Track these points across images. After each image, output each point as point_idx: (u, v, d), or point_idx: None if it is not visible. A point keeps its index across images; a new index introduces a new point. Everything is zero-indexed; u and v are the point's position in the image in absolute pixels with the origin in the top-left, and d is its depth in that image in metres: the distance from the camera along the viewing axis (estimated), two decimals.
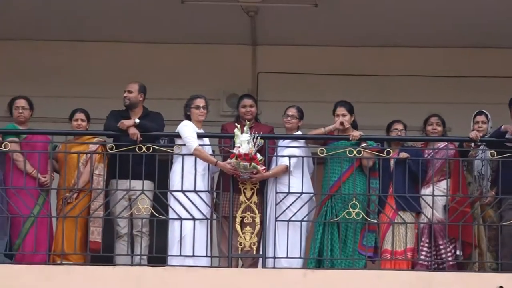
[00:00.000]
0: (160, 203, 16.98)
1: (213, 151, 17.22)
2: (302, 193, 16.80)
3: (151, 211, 16.89)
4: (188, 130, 16.93)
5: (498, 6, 19.25)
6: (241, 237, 16.90)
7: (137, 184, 16.94)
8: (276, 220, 16.81)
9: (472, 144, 17.16)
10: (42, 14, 19.90)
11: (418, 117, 18.15)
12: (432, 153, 17.31)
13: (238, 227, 16.91)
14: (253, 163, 16.70)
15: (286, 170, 16.95)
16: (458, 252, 17.07)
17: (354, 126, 17.42)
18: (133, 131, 17.05)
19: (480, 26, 20.04)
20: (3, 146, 16.95)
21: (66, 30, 20.34)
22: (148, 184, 17.00)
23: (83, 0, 19.38)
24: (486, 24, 19.91)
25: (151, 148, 16.87)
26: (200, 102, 17.35)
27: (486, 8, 19.36)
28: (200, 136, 17.04)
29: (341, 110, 17.21)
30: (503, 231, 16.85)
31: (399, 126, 17.55)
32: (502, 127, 17.16)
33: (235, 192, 16.98)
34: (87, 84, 20.02)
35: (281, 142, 17.22)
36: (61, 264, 16.78)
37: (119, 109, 17.61)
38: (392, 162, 17.12)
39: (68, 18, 20.04)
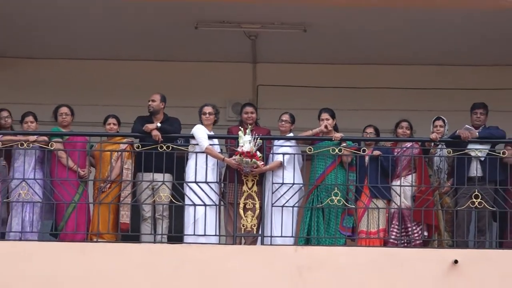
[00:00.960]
0: (178, 192, 17.22)
1: (221, 150, 17.49)
2: (293, 183, 17.05)
3: (170, 198, 17.18)
4: (200, 133, 17.16)
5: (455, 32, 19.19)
6: (243, 219, 17.16)
7: (159, 176, 17.21)
8: (272, 206, 17.05)
9: (432, 144, 17.48)
10: (81, 38, 19.77)
11: (390, 122, 18.37)
12: (400, 152, 17.57)
13: (241, 211, 17.18)
14: (253, 159, 16.99)
15: (281, 165, 17.23)
16: (425, 233, 17.31)
17: (336, 129, 17.66)
18: (155, 133, 17.23)
19: (438, 48, 19.86)
20: (49, 145, 17.28)
21: (99, 51, 20.30)
22: (167, 176, 17.28)
23: (114, 27, 19.38)
24: (444, 46, 19.71)
25: (170, 147, 17.13)
26: (207, 109, 17.63)
27: (445, 32, 19.24)
28: (210, 137, 17.30)
29: (325, 115, 17.46)
30: (458, 215, 17.16)
31: (370, 130, 17.80)
32: (457, 131, 17.41)
33: (239, 183, 17.26)
34: (117, 95, 19.92)
35: (277, 142, 17.50)
36: (96, 242, 17.05)
37: (144, 115, 17.85)
38: (367, 158, 17.39)
39: (101, 42, 20.10)
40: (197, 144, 17.27)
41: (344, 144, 17.28)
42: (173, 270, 16.85)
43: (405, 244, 17.27)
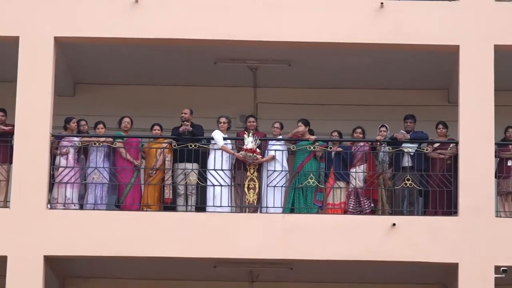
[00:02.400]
0: (202, 176, 17.95)
1: (232, 147, 18.13)
2: (281, 171, 17.87)
3: (197, 181, 17.84)
4: (217, 135, 17.91)
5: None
6: (247, 195, 17.84)
7: (189, 165, 17.94)
8: (267, 186, 17.82)
9: (378, 143, 18.08)
10: (134, 69, 19.78)
11: (349, 128, 18.69)
12: (356, 148, 18.12)
13: (246, 190, 17.82)
14: (254, 154, 17.82)
15: (273, 158, 17.97)
16: (372, 205, 17.93)
17: (312, 132, 18.24)
18: (183, 128, 17.90)
19: (385, 78, 19.81)
20: (113, 144, 17.90)
21: (147, 78, 20.13)
22: (195, 165, 17.95)
23: (157, 62, 19.33)
24: (388, 76, 19.75)
25: (197, 145, 17.82)
26: (222, 119, 18.19)
27: (390, 66, 19.20)
28: (224, 139, 18.00)
29: (300, 123, 18.03)
30: (395, 192, 17.84)
31: (335, 133, 18.26)
32: (394, 134, 18.06)
33: (244, 170, 17.92)
34: (160, 109, 19.55)
35: (271, 142, 18.10)
36: (146, 211, 17.80)
37: (176, 126, 18.27)
38: (333, 153, 17.98)
39: (147, 72, 19.97)
40: (215, 143, 17.99)
41: (317, 143, 18.01)
42: (199, 230, 17.56)
43: (359, 212, 17.90)
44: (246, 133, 18.07)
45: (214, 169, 17.90)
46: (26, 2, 18.12)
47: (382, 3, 17.98)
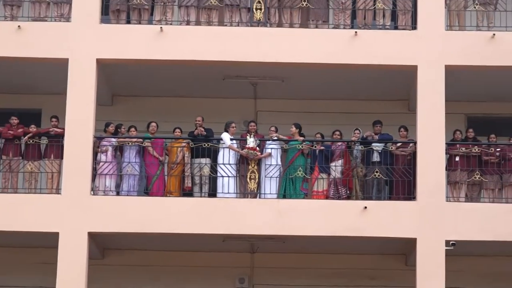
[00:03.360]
0: (213, 169, 17.99)
1: (237, 146, 18.10)
2: (276, 165, 17.99)
3: (209, 173, 17.94)
4: (226, 137, 18.00)
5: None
6: (249, 184, 17.88)
7: (203, 160, 17.98)
8: (265, 177, 17.94)
9: (353, 143, 18.12)
10: (162, 83, 19.48)
11: (329, 131, 18.65)
12: (335, 147, 18.13)
13: (248, 180, 17.85)
14: (255, 151, 17.90)
15: (269, 155, 18.03)
16: (348, 192, 18.00)
17: (302, 134, 18.26)
18: (197, 131, 17.96)
19: (356, 91, 19.60)
20: (143, 143, 18.00)
21: (169, 91, 19.71)
22: (208, 160, 17.97)
23: (177, 77, 19.05)
24: (359, 91, 19.52)
25: (209, 144, 17.95)
26: (233, 125, 18.26)
27: (359, 82, 19.03)
28: (231, 139, 18.04)
29: (292, 127, 18.16)
30: (367, 182, 17.95)
31: (318, 135, 18.35)
32: (364, 134, 18.23)
33: (246, 164, 17.97)
34: (179, 116, 19.13)
35: (268, 142, 18.13)
36: (169, 196, 17.88)
37: (192, 130, 18.29)
38: (317, 151, 18.09)
39: (170, 86, 19.65)
40: (224, 143, 18.04)
41: (304, 143, 18.09)
42: (211, 212, 17.74)
43: (337, 198, 17.94)
44: (248, 135, 18.18)
45: (223, 163, 17.96)
46: (73, 31, 18.16)
47: (356, 32, 18.14)
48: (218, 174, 17.98)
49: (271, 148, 18.11)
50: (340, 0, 18.60)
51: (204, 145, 18.03)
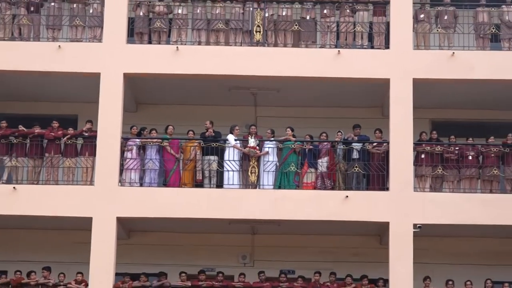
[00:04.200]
0: (220, 164, 17.96)
1: (240, 145, 17.98)
2: (273, 161, 17.99)
3: (217, 167, 17.94)
4: (231, 138, 18.00)
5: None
6: (250, 177, 17.89)
7: (212, 157, 17.97)
8: (263, 171, 17.94)
9: (336, 143, 18.05)
10: (175, 92, 19.27)
11: (317, 133, 18.41)
12: (322, 146, 18.04)
13: (249, 174, 17.89)
14: (255, 150, 17.93)
15: (267, 153, 18.01)
16: (333, 184, 17.90)
17: (293, 135, 18.13)
18: (209, 133, 17.94)
19: (335, 100, 19.35)
20: (162, 143, 17.95)
21: (183, 99, 19.47)
22: (216, 157, 17.95)
23: (188, 88, 18.93)
24: (339, 100, 19.24)
25: (217, 144, 17.96)
26: (237, 128, 18.20)
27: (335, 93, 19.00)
28: (236, 140, 18.01)
29: (288, 130, 18.11)
30: (348, 175, 17.87)
31: (307, 136, 18.15)
32: (346, 136, 18.24)
33: (248, 160, 17.94)
34: (192, 120, 18.80)
35: (266, 142, 18.07)
36: (183, 188, 17.87)
37: (204, 131, 18.14)
38: (306, 149, 18.06)
39: (184, 95, 19.46)
40: (229, 143, 18.03)
41: (296, 143, 18.07)
42: (218, 200, 17.76)
43: (323, 188, 17.91)
44: (250, 136, 18.22)
45: (228, 160, 17.98)
46: (104, 50, 18.17)
47: (339, 51, 18.16)
48: (224, 169, 17.99)
49: (269, 147, 18.14)
50: (326, 24, 18.62)
51: (213, 144, 18.07)
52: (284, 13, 18.57)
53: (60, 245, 18.78)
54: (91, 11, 18.55)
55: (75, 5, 18.52)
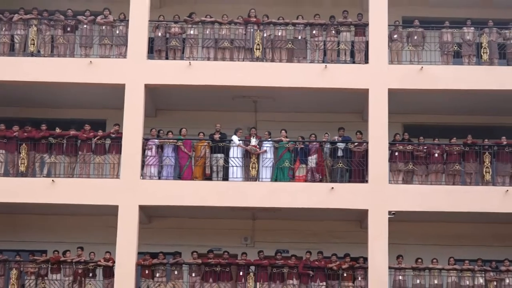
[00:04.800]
0: (226, 161, 17.97)
1: (244, 144, 18.00)
2: (270, 158, 18.03)
3: (223, 163, 17.98)
4: (235, 138, 18.02)
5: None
6: (251, 172, 17.97)
7: (219, 155, 18.03)
8: (262, 167, 17.99)
9: (324, 143, 18.03)
10: (189, 100, 19.11)
11: (308, 134, 18.37)
12: (311, 146, 18.02)
13: (250, 169, 17.96)
14: (255, 148, 17.99)
15: (265, 151, 18.06)
16: (321, 177, 17.90)
17: (287, 136, 18.09)
18: (216, 135, 17.99)
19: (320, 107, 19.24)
20: (177, 143, 17.95)
21: (195, 106, 19.31)
22: (222, 155, 17.99)
23: (199, 99, 18.88)
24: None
25: (223, 144, 17.99)
26: (240, 130, 18.24)
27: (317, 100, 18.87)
28: (239, 140, 18.03)
29: (283, 132, 18.14)
30: (334, 169, 17.92)
31: (300, 138, 18.15)
32: (335, 138, 18.13)
33: (250, 157, 18.00)
34: (203, 123, 18.83)
35: (264, 142, 18.12)
36: (195, 180, 17.92)
37: (212, 133, 18.20)
38: (298, 148, 18.06)
39: (195, 102, 19.22)
40: (234, 143, 18.04)
41: (290, 143, 18.11)
42: (224, 191, 17.80)
43: (313, 181, 17.93)
44: (251, 137, 18.26)
45: (233, 157, 18.03)
46: (128, 65, 18.09)
47: (326, 65, 18.19)
48: (229, 165, 17.99)
49: (266, 147, 18.13)
50: (314, 43, 18.56)
51: (220, 144, 18.08)
52: (279, 34, 18.53)
53: (91, 229, 18.69)
54: (117, 32, 18.50)
55: (103, 27, 18.51)
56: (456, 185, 18.04)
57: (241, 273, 17.59)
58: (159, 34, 18.61)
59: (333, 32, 18.68)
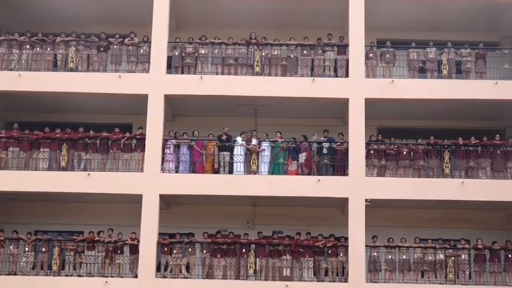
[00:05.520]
0: (231, 157, 18.00)
1: (246, 144, 17.94)
2: (268, 155, 18.03)
3: (229, 160, 17.99)
4: (239, 139, 18.05)
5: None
6: (252, 166, 17.94)
7: (225, 153, 18.09)
8: (261, 162, 17.97)
9: (312, 142, 18.01)
10: (200, 110, 19.08)
11: (299, 135, 18.44)
12: (302, 145, 18.00)
13: (251, 164, 17.94)
14: (255, 147, 17.97)
15: (263, 149, 18.05)
16: (309, 171, 17.85)
17: (280, 137, 18.04)
18: (224, 137, 17.97)
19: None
20: (190, 142, 17.92)
21: (205, 112, 19.12)
22: (228, 153, 18.04)
23: (207, 107, 18.76)
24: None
25: (229, 144, 18.03)
26: (243, 134, 18.24)
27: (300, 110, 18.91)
28: (242, 140, 18.05)
29: (278, 134, 18.17)
30: (320, 165, 17.95)
31: (291, 138, 17.94)
32: (321, 138, 18.09)
33: (250, 154, 18.00)
34: (213, 126, 18.63)
35: (263, 142, 18.10)
36: (205, 174, 17.92)
37: (220, 134, 18.16)
38: (291, 147, 18.05)
39: (204, 110, 19.14)
40: (238, 143, 18.06)
41: (283, 143, 18.15)
42: (230, 182, 17.81)
43: (302, 174, 17.84)
44: (252, 138, 18.25)
45: (237, 154, 18.11)
46: (151, 78, 17.87)
47: (313, 79, 18.20)
48: (234, 161, 18.06)
49: (265, 146, 18.18)
50: (304, 60, 18.51)
51: (226, 144, 18.13)
52: (275, 53, 18.59)
53: (120, 213, 18.63)
54: (141, 51, 18.56)
55: (130, 47, 18.62)
56: (421, 178, 18.02)
57: (243, 250, 17.62)
58: (176, 53, 18.64)
59: (320, 51, 18.70)
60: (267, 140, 18.30)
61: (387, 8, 18.82)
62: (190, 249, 17.73)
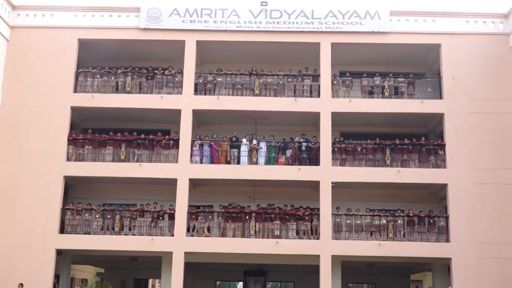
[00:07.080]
0: (239, 153, 18.18)
1: (249, 143, 18.22)
2: (264, 151, 18.31)
3: (237, 154, 18.23)
4: (244, 140, 18.25)
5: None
6: (253, 159, 18.21)
7: (235, 149, 18.33)
8: (260, 156, 18.25)
9: (296, 143, 18.24)
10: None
11: (287, 137, 18.61)
12: (292, 145, 18.12)
13: (252, 157, 18.21)
14: (256, 146, 18.24)
15: (261, 148, 18.25)
16: (293, 162, 17.91)
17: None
18: (233, 139, 18.19)
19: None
20: (211, 142, 18.30)
21: (218, 121, 19.17)
22: (236, 150, 18.30)
23: (220, 118, 18.84)
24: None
25: (237, 143, 18.26)
26: (247, 136, 18.36)
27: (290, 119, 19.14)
28: (246, 141, 18.24)
29: (272, 137, 18.24)
30: (300, 158, 18.06)
31: (285, 140, 18.20)
32: (301, 139, 18.16)
33: (253, 151, 18.27)
34: (226, 131, 18.78)
35: (261, 142, 18.34)
36: (221, 164, 18.05)
37: (231, 136, 18.38)
38: (280, 146, 18.27)
39: (218, 120, 19.20)
40: (243, 143, 18.27)
41: (275, 143, 18.44)
42: (237, 170, 18.12)
43: (288, 165, 18.07)
44: (253, 139, 18.45)
45: (243, 151, 18.40)
46: (181, 99, 18.26)
47: (296, 99, 18.30)
48: (241, 155, 18.36)
49: (262, 145, 18.49)
50: (289, 86, 18.76)
51: (235, 143, 18.50)
52: (269, 80, 18.93)
53: (161, 192, 18.92)
54: (176, 79, 18.88)
55: (169, 76, 18.94)
56: (370, 167, 18.46)
57: (247, 217, 18.08)
58: (200, 81, 19.07)
59: (300, 79, 19.03)
60: (264, 141, 18.71)
61: (347, 50, 19.24)
62: (210, 217, 18.21)
